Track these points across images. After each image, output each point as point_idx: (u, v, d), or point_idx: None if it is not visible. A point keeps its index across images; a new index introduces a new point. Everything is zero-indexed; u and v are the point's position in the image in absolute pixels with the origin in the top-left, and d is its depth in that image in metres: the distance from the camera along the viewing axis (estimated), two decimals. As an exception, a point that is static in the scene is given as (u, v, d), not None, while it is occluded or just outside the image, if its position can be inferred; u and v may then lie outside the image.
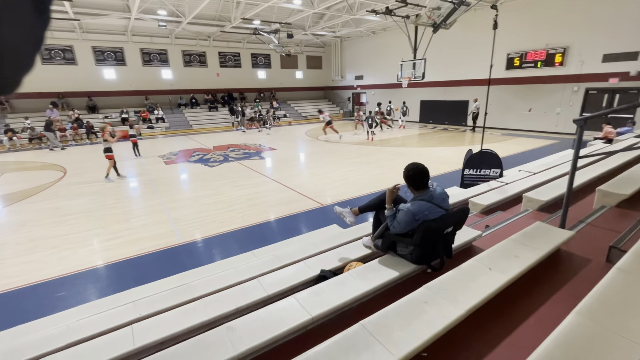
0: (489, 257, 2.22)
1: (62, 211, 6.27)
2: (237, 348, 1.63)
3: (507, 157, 9.19)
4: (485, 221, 3.87)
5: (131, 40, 19.02)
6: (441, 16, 10.13)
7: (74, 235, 5.13)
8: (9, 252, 4.65)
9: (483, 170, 6.35)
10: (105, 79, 18.93)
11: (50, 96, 17.52)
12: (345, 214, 3.02)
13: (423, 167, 2.36)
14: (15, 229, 5.55)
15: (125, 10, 15.36)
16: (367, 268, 2.46)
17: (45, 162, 11.33)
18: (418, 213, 2.27)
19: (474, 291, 1.81)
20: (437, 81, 18.33)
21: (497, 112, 15.45)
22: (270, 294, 2.38)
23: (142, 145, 14.68)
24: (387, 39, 21.08)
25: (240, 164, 10.05)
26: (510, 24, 14.32)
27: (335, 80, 26.61)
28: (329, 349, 1.44)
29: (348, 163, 9.76)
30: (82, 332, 2.13)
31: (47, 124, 14.00)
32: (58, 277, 3.96)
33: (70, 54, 17.70)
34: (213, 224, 5.46)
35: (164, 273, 3.72)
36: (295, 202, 6.44)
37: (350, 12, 15.96)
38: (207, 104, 22.03)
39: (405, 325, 1.57)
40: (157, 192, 7.31)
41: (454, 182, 6.60)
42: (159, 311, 2.36)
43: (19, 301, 3.56)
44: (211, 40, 21.29)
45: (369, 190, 6.93)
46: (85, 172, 9.50)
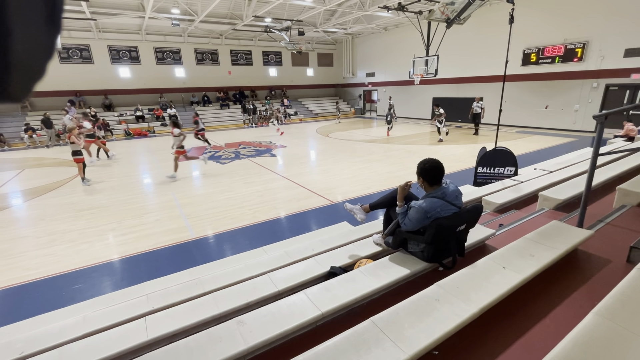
0: (503, 256, 2.17)
1: (79, 206, 6.44)
2: (248, 342, 1.64)
3: (522, 155, 8.98)
4: (498, 220, 3.79)
5: (145, 39, 19.33)
6: (455, 11, 9.93)
7: (91, 230, 5.27)
8: (29, 245, 4.81)
9: (497, 168, 6.22)
10: (120, 78, 19.32)
11: (68, 94, 18.01)
12: (355, 211, 3.00)
13: (439, 162, 2.32)
14: (35, 222, 5.73)
15: (140, 10, 15.62)
16: (378, 265, 2.44)
17: (63, 158, 11.65)
18: (430, 210, 2.23)
19: (488, 290, 1.77)
20: (450, 78, 18.03)
21: (512, 110, 15.10)
22: (281, 289, 2.40)
23: (157, 142, 14.96)
24: (399, 35, 20.83)
25: (251, 161, 10.12)
26: (527, 19, 13.94)
27: (346, 78, 26.48)
28: (339, 344, 1.44)
29: (358, 160, 9.71)
30: (98, 323, 2.19)
31: (45, 121, 14.27)
32: (75, 270, 4.07)
33: (87, 53, 18.13)
34: (224, 220, 5.51)
35: (176, 267, 3.78)
36: (305, 199, 6.45)
37: (362, 8, 15.83)
38: (218, 102, 22.24)
39: (416, 322, 1.55)
40: (170, 188, 7.44)
41: (467, 180, 6.48)
42: (171, 304, 2.40)
43: (38, 292, 3.68)
44: (223, 39, 21.46)
45: (379, 187, 6.88)
46: (101, 168, 9.72)
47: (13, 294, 3.66)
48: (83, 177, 8.03)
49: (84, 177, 8.04)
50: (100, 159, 11.04)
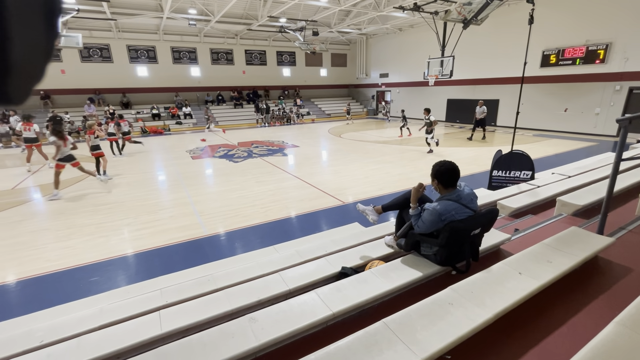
0: (518, 261, 2.13)
1: (96, 201, 6.62)
2: (259, 339, 1.66)
3: (539, 159, 8.76)
4: (514, 224, 3.71)
5: (163, 39, 19.73)
6: (472, 12, 9.76)
7: (108, 224, 5.41)
8: (49, 238, 4.98)
9: (513, 172, 6.09)
10: (138, 76, 19.78)
11: (88, 92, 18.54)
12: (367, 212, 2.99)
13: (454, 165, 2.29)
14: (55, 216, 5.92)
15: (158, 10, 15.95)
16: (390, 267, 2.42)
17: (82, 154, 11.98)
18: (444, 213, 2.20)
19: (503, 295, 1.74)
20: (466, 79, 17.74)
21: (530, 112, 14.76)
22: (292, 288, 2.41)
23: (171, 140, 15.25)
24: (413, 36, 20.63)
25: (263, 160, 10.20)
26: (547, 19, 13.60)
27: (360, 78, 26.39)
28: (350, 345, 1.44)
29: (371, 161, 9.66)
30: (114, 315, 2.24)
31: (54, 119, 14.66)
32: (92, 263, 4.19)
33: (106, 53, 18.63)
34: (236, 217, 5.57)
35: (189, 263, 3.84)
36: (316, 199, 6.46)
37: (377, 9, 15.75)
38: (232, 101, 22.50)
39: (429, 325, 1.53)
40: (184, 186, 7.57)
41: (481, 184, 6.37)
42: (184, 299, 2.44)
43: (58, 283, 3.80)
44: (238, 39, 21.70)
45: (391, 189, 6.82)
46: (118, 164, 9.97)
47: (34, 284, 3.79)
48: (104, 171, 8.36)
49: (104, 170, 8.36)
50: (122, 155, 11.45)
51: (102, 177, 8.09)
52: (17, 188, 7.83)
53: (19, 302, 3.53)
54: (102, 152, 8.24)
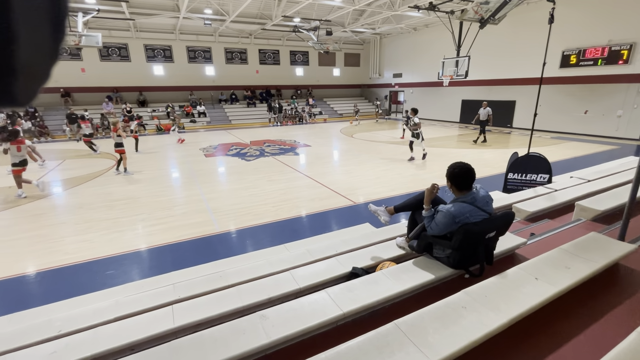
0: (535, 266, 2.07)
1: (113, 196, 6.79)
2: (270, 336, 1.67)
3: (557, 162, 8.53)
4: (530, 229, 3.63)
5: (179, 39, 20.06)
6: (489, 11, 9.58)
7: (123, 219, 5.54)
8: (68, 231, 5.13)
9: (529, 175, 5.94)
10: (154, 75, 20.17)
11: (107, 90, 19.02)
12: (379, 213, 2.97)
13: (469, 167, 2.25)
14: (73, 210, 6.10)
15: (175, 10, 16.23)
16: (401, 268, 2.40)
17: (100, 150, 12.32)
18: (458, 215, 2.17)
19: (518, 300, 1.70)
20: (481, 80, 17.41)
21: (548, 114, 14.37)
22: (302, 286, 2.41)
23: (186, 138, 15.49)
24: (428, 35, 20.38)
25: (275, 159, 10.26)
26: (568, 18, 13.22)
27: (373, 78, 26.24)
28: (362, 345, 1.43)
29: (382, 162, 9.60)
30: (129, 308, 2.29)
31: (70, 117, 15.04)
32: (108, 257, 4.30)
33: (125, 52, 19.07)
34: (248, 215, 5.62)
35: (201, 260, 3.90)
36: (327, 198, 6.45)
37: (391, 8, 15.63)
38: (245, 100, 22.72)
39: (441, 329, 1.51)
40: (198, 183, 7.68)
41: (496, 187, 6.24)
42: (196, 295, 2.48)
43: (75, 275, 3.91)
44: (252, 38, 21.88)
45: (403, 190, 6.76)
46: (134, 161, 10.19)
47: (53, 275, 3.91)
48: (125, 168, 8.62)
49: (125, 167, 8.62)
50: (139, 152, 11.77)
51: (123, 173, 8.52)
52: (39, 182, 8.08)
53: (38, 292, 3.66)
54: (124, 150, 8.51)
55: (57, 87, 18.00)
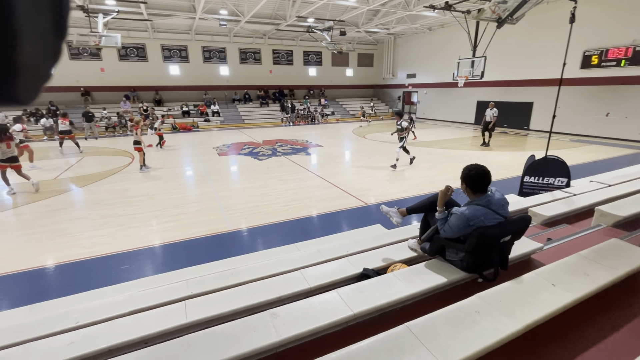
0: (552, 272, 2.02)
1: (129, 193, 6.95)
2: (281, 334, 1.67)
3: (576, 166, 8.28)
4: (546, 233, 3.54)
5: (194, 39, 20.40)
6: (507, 10, 9.37)
7: (138, 215, 5.66)
8: (85, 226, 5.28)
9: (546, 178, 5.79)
10: (170, 75, 20.57)
11: (125, 90, 19.49)
12: (391, 214, 2.94)
13: (485, 169, 2.20)
14: (91, 205, 6.27)
15: (191, 11, 16.51)
16: (413, 271, 2.38)
17: (118, 148, 12.65)
18: (473, 218, 2.13)
19: (534, 307, 1.65)
20: (497, 81, 17.06)
21: (567, 116, 13.96)
22: (312, 286, 2.41)
23: (200, 137, 15.75)
24: (443, 35, 20.10)
25: (287, 159, 10.31)
26: (590, 17, 12.81)
27: (386, 79, 26.05)
28: (372, 346, 1.42)
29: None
30: (143, 302, 2.34)
31: (87, 115, 15.39)
32: (123, 252, 4.40)
33: (142, 52, 19.52)
34: (259, 214, 5.67)
35: (213, 257, 3.95)
36: (338, 199, 6.44)
37: (406, 8, 15.48)
38: (258, 100, 22.91)
39: (453, 333, 1.49)
40: (211, 181, 7.79)
41: (511, 190, 6.10)
42: (208, 291, 2.51)
43: (92, 269, 4.03)
44: (266, 38, 22.05)
45: (415, 192, 6.69)
46: (149, 159, 10.41)
47: (71, 268, 4.03)
48: (143, 164, 8.91)
49: (143, 164, 8.90)
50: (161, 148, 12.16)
51: (140, 169, 8.82)
52: (59, 178, 8.36)
53: (57, 284, 3.78)
54: (142, 147, 8.76)
55: (77, 86, 18.57)
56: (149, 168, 8.99)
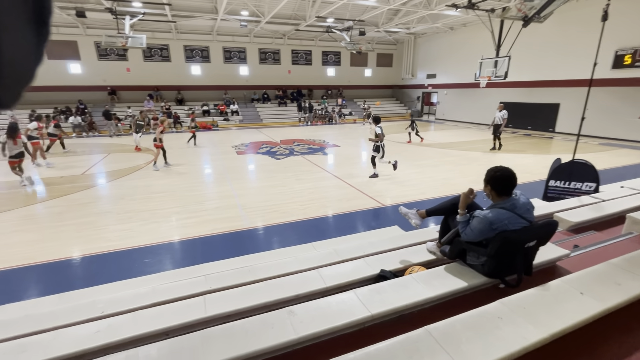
0: (580, 280, 1.94)
1: (151, 189, 7.17)
2: (298, 332, 1.68)
3: (605, 171, 7.91)
4: (573, 240, 3.39)
5: (216, 40, 20.81)
6: (534, 8, 9.07)
7: (160, 211, 5.83)
8: (110, 220, 5.49)
9: (573, 182, 5.55)
10: (192, 75, 21.08)
11: (148, 89, 20.13)
12: (410, 216, 2.90)
13: (512, 172, 2.14)
14: (116, 200, 6.51)
15: (213, 12, 16.85)
16: (432, 274, 2.34)
17: (141, 145, 13.06)
18: (496, 222, 2.07)
19: (560, 315, 1.59)
20: (521, 81, 16.51)
21: (596, 118, 13.33)
22: (329, 286, 2.41)
23: (219, 135, 16.06)
24: (465, 35, 19.65)
25: (304, 159, 10.35)
26: (623, 15, 12.19)
27: (405, 79, 25.71)
28: (391, 348, 1.41)
29: (413, 164, 9.38)
30: (164, 295, 2.41)
31: (106, 114, 15.95)
32: (146, 246, 4.54)
33: (166, 52, 20.10)
34: (276, 213, 5.72)
35: (231, 253, 4.01)
36: (355, 199, 6.41)
37: (427, 7, 15.23)
38: (277, 100, 23.13)
39: (475, 338, 1.45)
40: (229, 179, 7.92)
41: (535, 194, 5.88)
42: (226, 287, 2.56)
43: (116, 261, 4.18)
44: (286, 39, 22.22)
45: (434, 194, 6.57)
46: (171, 156, 10.69)
47: (97, 260, 4.20)
48: (165, 162, 9.26)
49: (155, 161, 9.17)
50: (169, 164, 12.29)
51: (163, 165, 9.16)
52: (86, 173, 8.73)
53: (84, 275, 3.95)
54: (162, 145, 9.05)
55: (105, 85, 19.32)
56: (169, 165, 9.21)
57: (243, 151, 11.80)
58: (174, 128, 18.43)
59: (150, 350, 1.61)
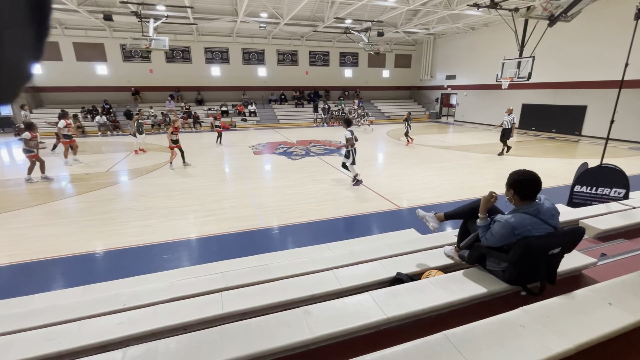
0: (608, 290, 1.85)
1: (171, 187, 7.36)
2: (314, 332, 1.69)
3: (636, 176, 7.53)
4: (600, 248, 3.24)
5: (235, 41, 21.18)
6: (561, 7, 8.75)
7: (179, 209, 5.97)
8: (132, 216, 5.67)
9: (601, 188, 5.32)
10: (211, 76, 21.52)
11: (170, 90, 20.69)
12: (428, 219, 2.85)
13: (536, 176, 2.06)
14: (137, 197, 6.72)
15: (234, 14, 17.16)
16: (450, 278, 2.29)
17: (162, 145, 13.43)
18: (519, 227, 2.00)
19: (588, 326, 1.52)
20: (546, 82, 15.96)
21: (626, 121, 12.72)
22: (344, 287, 2.41)
23: (237, 135, 16.31)
24: (487, 35, 19.19)
25: (320, 159, 10.37)
26: (658, 14, 11.57)
27: (424, 80, 25.33)
28: (408, 352, 1.39)
29: (430, 167, 9.23)
30: (183, 291, 2.47)
31: (127, 113, 16.38)
32: (165, 242, 4.67)
33: (187, 54, 20.61)
34: (292, 213, 5.75)
35: (246, 252, 4.06)
36: (371, 201, 6.37)
37: (448, 7, 14.97)
38: (294, 101, 23.28)
39: (495, 346, 1.41)
40: (246, 179, 8.03)
41: (559, 199, 5.66)
42: (243, 284, 2.59)
43: (137, 256, 4.31)
44: (303, 40, 22.35)
45: (452, 197, 6.44)
46: (190, 155, 10.94)
47: (119, 255, 4.35)
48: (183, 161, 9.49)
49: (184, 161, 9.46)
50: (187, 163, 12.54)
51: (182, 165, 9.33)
52: (110, 171, 9.05)
53: (106, 268, 4.09)
54: (179, 145, 9.27)
55: (129, 86, 20.00)
56: (184, 166, 9.36)
57: (260, 151, 11.94)
58: (194, 128, 18.87)
59: (169, 344, 1.65)
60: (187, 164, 9.50)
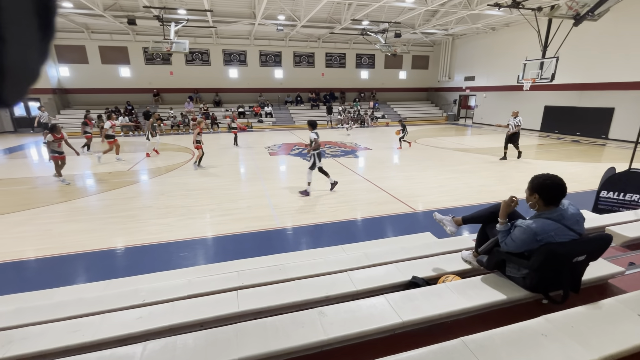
0: (637, 301, 1.77)
1: (189, 186, 7.52)
2: (328, 333, 1.69)
3: (668, 182, 7.14)
4: (628, 257, 3.10)
5: (253, 44, 21.49)
6: (587, 6, 8.44)
7: (196, 208, 6.10)
8: (151, 214, 5.83)
9: (629, 194, 5.08)
10: (229, 78, 21.91)
11: (189, 91, 21.20)
12: (445, 222, 2.81)
13: (562, 181, 1.99)
14: (157, 196, 6.91)
15: (252, 17, 17.42)
16: (467, 284, 2.24)
17: (181, 145, 13.77)
18: (541, 233, 1.94)
19: (615, 337, 1.46)
20: (570, 84, 15.39)
21: (657, 125, 12.11)
22: (359, 289, 2.39)
23: (254, 136, 16.52)
24: (508, 35, 18.70)
25: (335, 161, 10.36)
26: (693, 11, 11.00)
27: (441, 81, 24.93)
28: (425, 357, 1.37)
29: (447, 170, 9.06)
30: (199, 288, 2.52)
31: (146, 114, 16.76)
32: (182, 240, 4.77)
33: (206, 56, 21.07)
34: (307, 214, 5.77)
35: (262, 252, 4.09)
36: (386, 203, 6.31)
37: (467, 7, 14.69)
38: (310, 102, 23.38)
39: (515, 354, 1.37)
40: (262, 179, 8.12)
41: (583, 205, 5.45)
42: (258, 284, 2.62)
43: (155, 253, 4.43)
44: (320, 42, 22.43)
45: (469, 201, 6.30)
46: (208, 156, 11.16)
47: (138, 251, 4.48)
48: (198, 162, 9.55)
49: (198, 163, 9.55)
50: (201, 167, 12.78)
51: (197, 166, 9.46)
52: (132, 170, 9.34)
53: (127, 264, 4.22)
54: (201, 146, 9.45)
55: (150, 88, 20.61)
56: (202, 167, 9.45)
57: (275, 152, 12.04)
58: (211, 129, 19.24)
59: (187, 340, 1.69)
60: (200, 166, 9.46)
